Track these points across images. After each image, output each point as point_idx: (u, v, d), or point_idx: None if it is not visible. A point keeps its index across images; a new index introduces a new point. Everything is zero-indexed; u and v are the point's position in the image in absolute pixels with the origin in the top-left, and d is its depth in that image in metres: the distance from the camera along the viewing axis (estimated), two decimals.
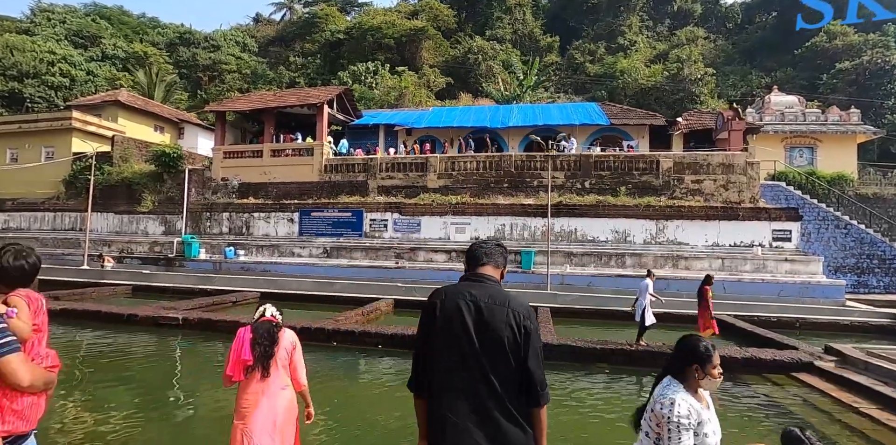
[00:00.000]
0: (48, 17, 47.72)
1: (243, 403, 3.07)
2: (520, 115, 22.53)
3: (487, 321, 1.94)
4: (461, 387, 1.91)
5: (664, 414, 2.12)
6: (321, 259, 18.60)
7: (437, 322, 1.99)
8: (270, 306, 3.41)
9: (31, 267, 2.24)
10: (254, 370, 3.07)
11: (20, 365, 1.89)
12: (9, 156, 26.36)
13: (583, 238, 17.59)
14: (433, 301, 2.06)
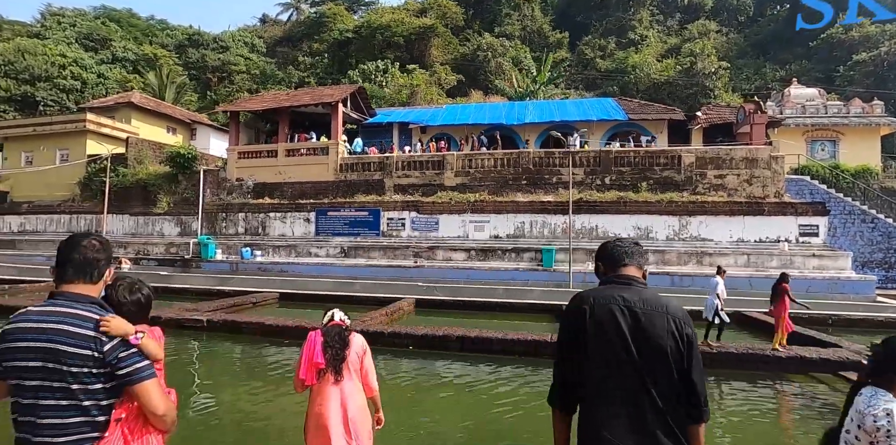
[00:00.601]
0: (58, 21, 47.99)
1: (316, 408, 2.97)
2: (536, 112, 22.22)
3: (645, 328, 1.73)
4: (619, 402, 1.70)
5: (880, 427, 1.82)
6: (339, 258, 18.45)
7: (588, 330, 1.77)
8: (338, 310, 3.31)
9: (147, 300, 2.19)
10: (326, 373, 2.97)
11: (158, 391, 1.78)
12: (24, 158, 26.47)
13: (604, 235, 17.30)
14: (581, 306, 1.84)
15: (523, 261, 17.16)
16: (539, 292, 14.88)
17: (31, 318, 1.72)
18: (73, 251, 1.81)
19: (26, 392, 1.69)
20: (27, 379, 1.67)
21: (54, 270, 1.86)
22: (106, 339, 1.70)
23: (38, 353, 1.66)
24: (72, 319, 1.71)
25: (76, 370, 1.66)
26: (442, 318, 13.46)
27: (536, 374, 7.83)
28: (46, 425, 1.67)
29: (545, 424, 6.12)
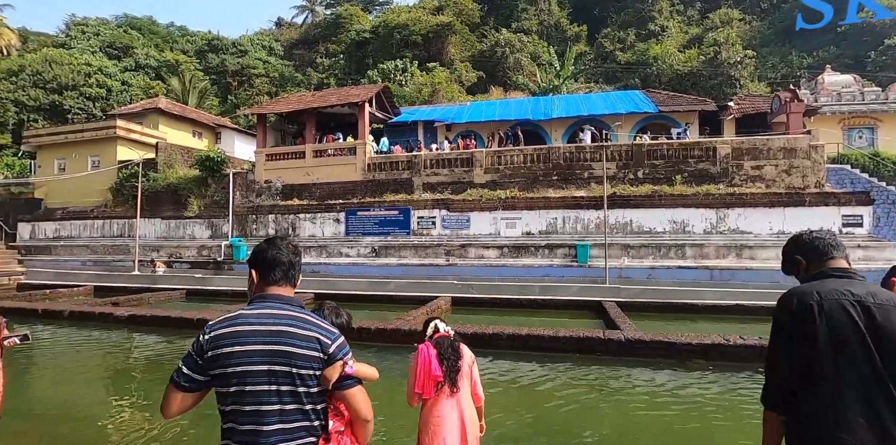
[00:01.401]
0: (82, 31, 48.97)
1: (434, 420, 2.91)
2: (563, 106, 21.95)
3: (882, 325, 1.59)
4: (856, 402, 1.57)
5: None
6: (370, 258, 18.45)
7: (819, 328, 1.64)
8: (440, 321, 3.28)
9: (348, 325, 2.36)
10: (443, 386, 2.94)
11: (367, 397, 1.87)
12: (57, 166, 27.03)
13: (639, 229, 17.00)
14: (807, 303, 1.71)
15: (557, 258, 16.95)
16: (576, 288, 14.68)
17: (250, 321, 1.72)
18: (279, 255, 1.87)
19: (248, 398, 1.65)
20: (251, 384, 1.64)
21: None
22: (328, 340, 1.73)
23: (265, 356, 1.65)
24: (297, 321, 1.73)
25: (304, 371, 1.67)
26: (480, 316, 13.36)
27: (589, 371, 7.70)
28: (272, 432, 1.64)
29: (605, 417, 5.93)
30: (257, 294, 1.86)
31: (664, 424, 5.52)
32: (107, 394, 7.13)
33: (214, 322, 1.77)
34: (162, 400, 1.72)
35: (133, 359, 9.18)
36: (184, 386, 1.69)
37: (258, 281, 1.88)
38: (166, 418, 1.77)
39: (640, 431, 5.39)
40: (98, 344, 10.37)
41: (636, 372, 7.73)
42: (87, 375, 8.17)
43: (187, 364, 1.71)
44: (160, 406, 1.75)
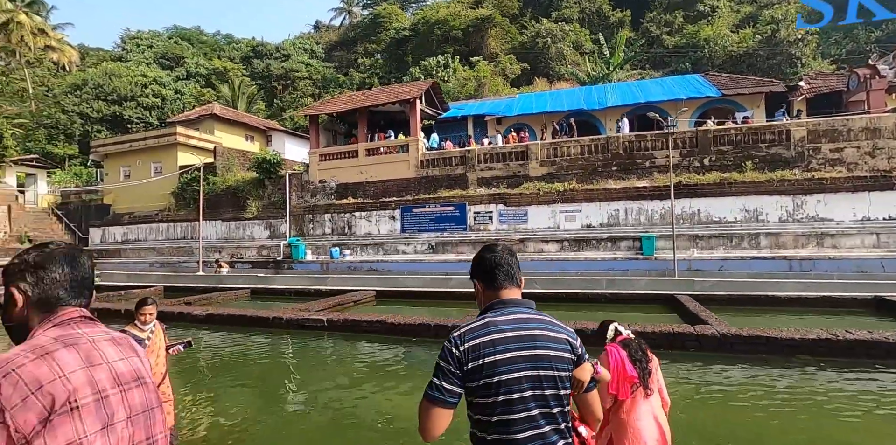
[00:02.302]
0: (137, 44, 51.29)
1: (633, 423, 2.80)
2: (617, 95, 21.23)
3: None
4: None
5: None
6: (427, 255, 18.43)
7: None
8: (618, 324, 3.17)
9: None
10: (637, 387, 2.85)
11: (597, 398, 1.88)
12: (122, 173, 28.40)
13: (707, 219, 16.22)
14: None
15: (620, 250, 16.41)
16: (646, 282, 14.13)
17: (503, 328, 1.68)
18: (499, 260, 1.86)
19: (517, 406, 1.61)
20: (518, 392, 1.61)
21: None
22: (575, 341, 1.73)
23: (528, 362, 1.63)
24: (544, 324, 1.73)
25: (563, 374, 1.66)
26: (547, 311, 13.07)
27: (685, 367, 7.34)
28: (528, 438, 1.61)
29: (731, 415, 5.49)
30: (492, 301, 1.82)
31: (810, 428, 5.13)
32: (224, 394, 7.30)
33: (461, 333, 1.72)
34: (424, 422, 1.65)
35: (223, 357, 9.40)
36: (450, 403, 1.63)
37: (486, 290, 1.86)
38: (431, 440, 1.66)
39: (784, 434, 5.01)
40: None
41: (734, 370, 7.30)
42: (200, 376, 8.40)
43: (445, 379, 1.65)
44: (422, 429, 1.66)
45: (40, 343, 1.20)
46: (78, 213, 29.20)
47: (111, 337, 1.35)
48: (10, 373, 1.11)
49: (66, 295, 1.32)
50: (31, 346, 1.19)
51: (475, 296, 1.95)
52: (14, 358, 1.14)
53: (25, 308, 1.27)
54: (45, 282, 1.29)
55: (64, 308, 1.31)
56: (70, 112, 40.55)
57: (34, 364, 1.14)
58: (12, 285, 1.28)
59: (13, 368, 1.12)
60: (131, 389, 1.30)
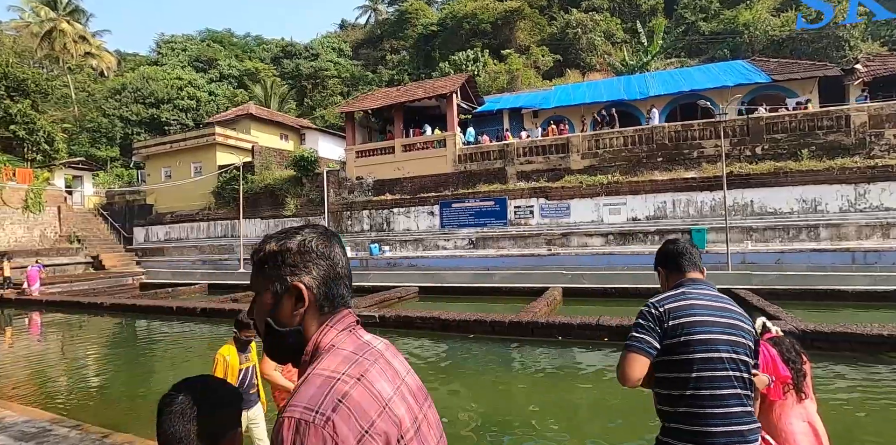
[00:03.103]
0: (171, 48, 52.53)
1: (785, 427, 2.55)
2: (659, 83, 20.57)
3: None
4: None
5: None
6: (467, 250, 18.26)
7: None
8: (765, 319, 3.00)
9: None
10: (789, 389, 2.64)
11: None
12: (163, 173, 29.09)
13: (761, 210, 15.57)
14: None
15: None
16: None
17: (698, 297, 1.87)
18: (683, 248, 2.09)
19: (717, 365, 1.75)
20: (714, 351, 1.76)
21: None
22: (754, 333, 1.90)
23: (724, 328, 1.80)
24: (729, 300, 1.92)
25: (746, 358, 1.81)
26: (594, 307, 12.75)
27: None
28: (742, 405, 1.76)
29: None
30: (680, 280, 2.02)
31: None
32: None
33: (659, 299, 1.92)
34: (625, 368, 1.80)
35: None
36: (649, 353, 1.80)
37: (672, 274, 2.08)
38: (631, 385, 1.81)
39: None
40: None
41: (817, 370, 6.88)
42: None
43: (646, 333, 1.82)
44: (622, 375, 1.81)
45: (346, 359, 0.92)
46: (122, 213, 30.09)
47: (385, 343, 1.08)
48: (339, 406, 0.83)
49: (346, 293, 1.04)
50: (339, 364, 0.90)
51: (659, 283, 2.18)
52: (334, 382, 0.86)
53: (307, 310, 0.97)
54: (331, 276, 0.99)
55: (343, 309, 1.03)
56: (111, 116, 41.81)
57: (358, 391, 0.87)
58: (295, 279, 0.97)
59: (339, 398, 0.84)
60: (427, 410, 1.03)
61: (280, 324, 0.97)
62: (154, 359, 9.39)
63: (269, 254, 1.00)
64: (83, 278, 22.83)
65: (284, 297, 0.97)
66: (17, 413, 5.12)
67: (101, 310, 15.23)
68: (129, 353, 9.90)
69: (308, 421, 0.80)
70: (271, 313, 0.98)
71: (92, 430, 4.70)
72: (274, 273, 0.98)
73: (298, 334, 0.97)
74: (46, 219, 26.78)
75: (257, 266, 1.02)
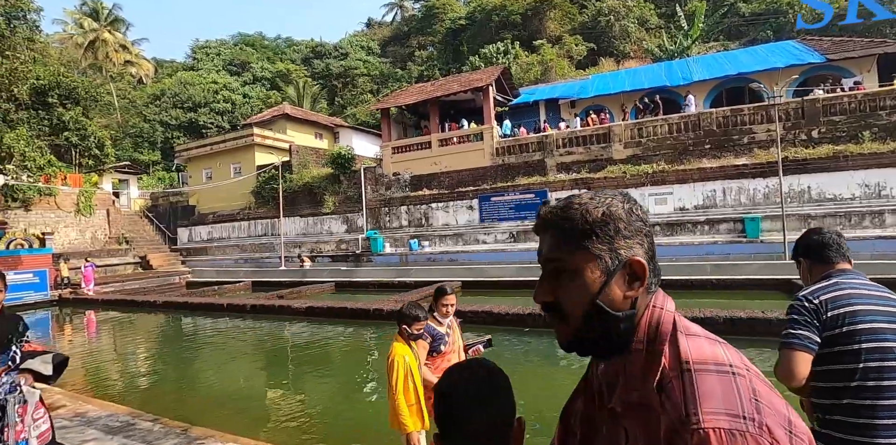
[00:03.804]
0: (206, 53, 53.89)
1: None
2: (702, 68, 19.81)
3: None
4: None
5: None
6: (508, 244, 18.05)
7: None
8: None
9: None
10: None
11: None
12: (204, 175, 29.87)
13: (819, 197, 14.81)
14: None
15: (720, 234, 15.31)
16: (756, 266, 13.11)
17: (854, 286, 1.80)
18: (828, 239, 2.00)
19: (886, 355, 1.66)
20: (880, 340, 1.67)
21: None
22: None
23: (885, 316, 1.71)
24: (886, 289, 1.84)
25: None
26: None
27: None
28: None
29: None
30: (829, 271, 1.93)
31: None
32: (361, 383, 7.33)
33: (811, 291, 1.84)
34: (790, 367, 1.73)
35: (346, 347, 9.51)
36: (812, 349, 1.73)
37: (816, 265, 2.00)
38: (797, 384, 1.74)
39: None
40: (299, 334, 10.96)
41: None
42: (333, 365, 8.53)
43: (803, 328, 1.75)
44: (786, 374, 1.74)
45: (712, 344, 0.77)
46: (166, 215, 31.05)
47: None
48: (760, 406, 0.68)
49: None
50: (714, 353, 0.75)
51: (801, 275, 2.12)
52: (733, 377, 0.71)
53: (641, 290, 0.80)
54: (653, 247, 0.85)
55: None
56: (151, 121, 43.22)
57: (759, 384, 0.72)
58: (630, 253, 0.80)
59: (754, 397, 0.69)
60: None
61: (613, 308, 0.80)
62: (209, 354, 9.58)
63: (596, 222, 0.80)
64: (133, 277, 23.66)
65: (616, 275, 0.80)
66: (98, 407, 5.25)
67: (154, 308, 15.71)
68: (186, 349, 10.15)
69: (743, 431, 0.65)
70: (599, 295, 0.79)
71: (171, 424, 4.77)
72: (604, 245, 0.80)
73: (631, 319, 0.80)
74: (97, 222, 27.84)
75: (575, 237, 0.81)
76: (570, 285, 0.81)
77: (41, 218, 24.39)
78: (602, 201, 0.83)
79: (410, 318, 3.16)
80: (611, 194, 0.86)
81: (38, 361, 2.28)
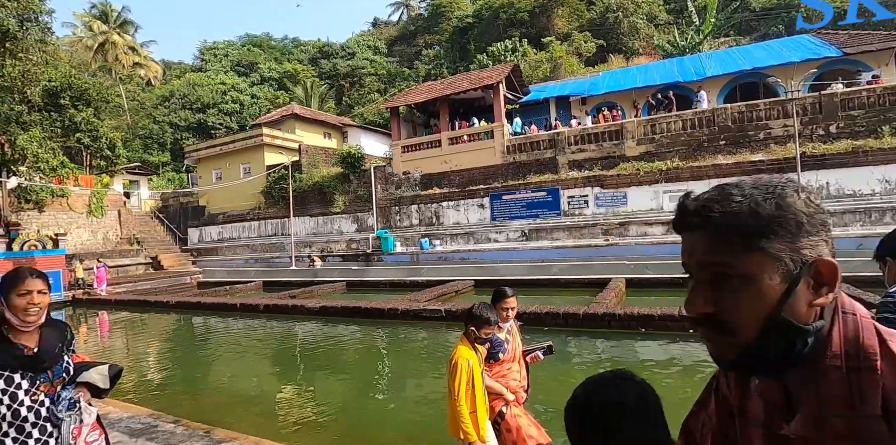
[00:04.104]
0: (214, 54, 54.09)
1: None
2: (716, 63, 19.55)
3: None
4: None
5: None
6: (520, 242, 17.91)
7: None
8: None
9: None
10: None
11: None
12: (214, 175, 29.96)
13: (838, 193, 14.55)
14: None
15: None
16: None
17: None
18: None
19: None
20: None
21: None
22: None
23: None
24: None
25: None
26: (661, 298, 12.21)
27: None
28: None
29: None
30: None
31: None
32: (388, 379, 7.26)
33: None
34: None
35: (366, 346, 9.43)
36: None
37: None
38: None
39: None
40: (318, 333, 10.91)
41: None
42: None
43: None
44: None
45: None
46: (176, 215, 31.19)
47: None
48: None
49: None
50: None
51: (884, 274, 2.02)
52: None
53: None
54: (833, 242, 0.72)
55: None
56: (161, 122, 43.44)
57: None
58: (814, 253, 0.67)
59: None
60: None
61: (799, 320, 0.66)
62: (223, 354, 9.54)
63: (772, 217, 0.66)
64: (145, 278, 23.75)
65: (802, 281, 0.66)
66: (119, 409, 5.20)
67: (167, 308, 15.72)
68: (200, 349, 10.12)
69: None
70: (780, 305, 0.66)
71: (193, 425, 4.70)
72: (784, 245, 0.66)
73: (819, 331, 0.67)
74: (108, 223, 27.99)
75: (746, 236, 0.67)
76: (741, 294, 0.67)
77: (53, 219, 24.55)
78: (772, 190, 0.69)
79: (481, 321, 2.86)
80: (777, 180, 0.72)
81: (94, 373, 2.04)
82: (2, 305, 1.88)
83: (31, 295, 1.88)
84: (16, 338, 1.88)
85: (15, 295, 1.86)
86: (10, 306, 1.86)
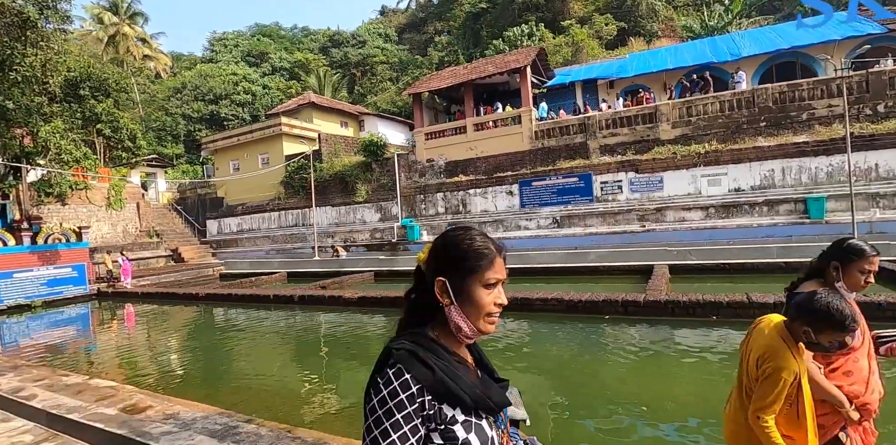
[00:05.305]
0: (224, 45, 53.59)
1: None
2: (750, 43, 18.86)
3: None
4: None
5: None
6: (551, 229, 17.52)
7: None
8: None
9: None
10: None
11: None
12: (231, 166, 29.70)
13: (889, 174, 13.98)
14: None
15: (779, 215, 14.59)
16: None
17: None
18: None
19: None
20: None
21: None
22: None
23: None
24: None
25: None
26: (708, 284, 11.83)
27: None
28: None
29: None
30: None
31: None
32: None
33: None
34: None
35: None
36: None
37: None
38: None
39: None
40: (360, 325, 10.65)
41: None
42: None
43: None
44: None
45: None
46: (195, 207, 31.05)
47: None
48: None
49: None
50: None
51: None
52: None
53: None
54: None
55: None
56: (174, 114, 43.19)
57: None
58: None
59: None
60: None
61: None
62: (263, 346, 9.31)
63: None
64: (168, 270, 23.66)
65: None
66: (185, 407, 4.92)
67: (196, 300, 15.55)
68: (236, 340, 9.89)
69: None
70: None
71: (267, 425, 4.42)
72: None
73: None
74: (127, 216, 27.88)
75: None
76: None
77: (73, 212, 24.46)
78: None
79: (834, 325, 1.81)
80: None
81: (516, 407, 1.44)
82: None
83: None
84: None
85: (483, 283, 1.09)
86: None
